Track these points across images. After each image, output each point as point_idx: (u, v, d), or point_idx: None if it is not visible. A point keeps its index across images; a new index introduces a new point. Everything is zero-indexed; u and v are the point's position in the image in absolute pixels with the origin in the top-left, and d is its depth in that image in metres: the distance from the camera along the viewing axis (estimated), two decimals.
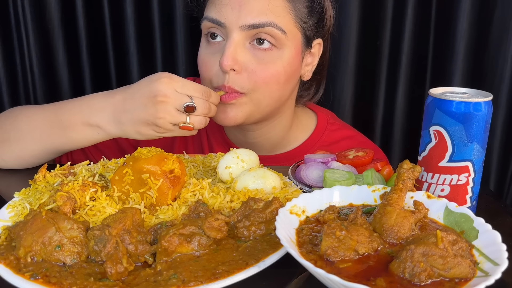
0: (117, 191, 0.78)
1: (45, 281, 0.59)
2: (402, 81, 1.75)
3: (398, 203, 0.68)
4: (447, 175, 0.76)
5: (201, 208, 0.74)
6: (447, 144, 0.74)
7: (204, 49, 1.05)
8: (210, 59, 1.02)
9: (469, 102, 0.72)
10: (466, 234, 0.65)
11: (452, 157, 0.75)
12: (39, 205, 0.75)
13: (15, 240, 0.67)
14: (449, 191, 0.77)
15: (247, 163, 0.88)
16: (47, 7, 1.70)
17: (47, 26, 1.72)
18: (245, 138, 1.17)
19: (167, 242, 0.64)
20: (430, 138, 0.76)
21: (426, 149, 0.77)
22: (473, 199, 0.78)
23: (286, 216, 0.67)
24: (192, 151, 1.22)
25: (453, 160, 0.75)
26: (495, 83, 1.58)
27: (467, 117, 0.72)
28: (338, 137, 1.21)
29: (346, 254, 0.59)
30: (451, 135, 0.74)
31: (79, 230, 0.65)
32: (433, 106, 0.75)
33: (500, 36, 1.52)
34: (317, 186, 0.89)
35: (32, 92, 1.82)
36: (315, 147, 1.18)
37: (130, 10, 1.68)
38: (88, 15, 1.72)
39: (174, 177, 0.78)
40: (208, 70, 1.02)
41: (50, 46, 1.75)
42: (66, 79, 1.81)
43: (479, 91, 0.77)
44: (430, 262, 0.56)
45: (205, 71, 1.03)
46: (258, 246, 0.66)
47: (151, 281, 0.59)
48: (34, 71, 1.78)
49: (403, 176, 0.74)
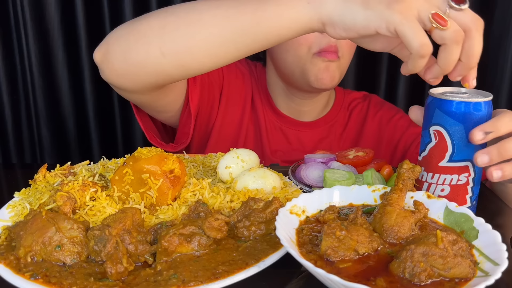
0: (117, 191, 0.78)
1: (45, 281, 0.59)
2: (402, 81, 1.75)
3: (398, 203, 0.68)
4: (447, 175, 0.76)
5: (201, 208, 0.74)
6: (447, 144, 0.74)
7: None
8: None
9: (469, 102, 0.72)
10: (466, 234, 0.65)
11: (452, 157, 0.75)
12: (39, 205, 0.75)
13: (15, 240, 0.67)
14: (449, 191, 0.77)
15: (247, 163, 0.88)
16: (47, 7, 1.70)
17: (46, 26, 1.72)
18: (299, 107, 1.29)
19: (167, 242, 0.64)
20: (430, 138, 0.76)
21: (426, 149, 0.77)
22: (473, 199, 0.78)
23: (286, 216, 0.67)
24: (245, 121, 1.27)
25: (453, 160, 0.75)
26: (495, 83, 1.58)
27: (467, 117, 0.72)
28: (355, 96, 1.37)
29: (346, 254, 0.59)
30: (451, 135, 0.74)
31: (79, 230, 0.65)
32: (433, 106, 0.75)
33: (500, 36, 1.52)
34: (317, 186, 0.89)
35: (32, 92, 1.82)
36: (343, 108, 1.33)
37: (129, 10, 1.68)
38: (88, 15, 1.72)
39: (174, 177, 0.78)
40: (307, 36, 1.08)
41: (50, 46, 1.75)
42: (65, 79, 1.81)
43: (479, 91, 0.77)
44: (430, 262, 0.56)
45: (302, 37, 1.08)
46: (258, 246, 0.66)
47: (151, 281, 0.59)
48: (34, 71, 1.78)
49: (403, 176, 0.74)
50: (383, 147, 1.30)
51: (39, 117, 1.86)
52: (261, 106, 1.30)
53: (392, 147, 1.28)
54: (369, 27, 0.70)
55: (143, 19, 0.85)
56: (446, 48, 0.68)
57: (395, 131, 1.29)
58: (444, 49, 0.68)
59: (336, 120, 1.33)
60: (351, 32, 0.72)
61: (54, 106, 1.85)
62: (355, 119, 1.34)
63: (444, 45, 0.68)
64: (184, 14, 0.80)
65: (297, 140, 1.30)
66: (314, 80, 1.15)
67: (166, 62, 0.82)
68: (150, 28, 0.83)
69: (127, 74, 0.87)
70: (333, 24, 0.73)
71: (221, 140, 1.26)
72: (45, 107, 1.85)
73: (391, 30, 0.68)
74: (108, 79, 0.91)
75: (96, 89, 1.84)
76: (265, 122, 1.29)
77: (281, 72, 1.24)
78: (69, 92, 1.83)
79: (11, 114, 1.87)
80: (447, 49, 0.68)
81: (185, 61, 0.82)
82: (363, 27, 0.71)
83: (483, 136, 0.70)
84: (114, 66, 0.87)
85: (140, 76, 0.86)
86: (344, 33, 0.73)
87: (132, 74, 0.87)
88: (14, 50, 1.79)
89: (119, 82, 0.90)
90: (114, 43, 0.87)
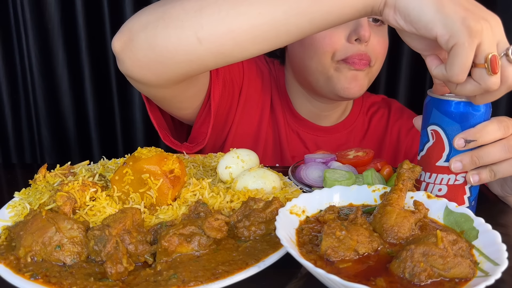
0: (117, 191, 0.78)
1: (45, 281, 0.59)
2: (402, 81, 1.75)
3: (398, 203, 0.68)
4: (444, 174, 0.76)
5: (201, 208, 0.74)
6: (444, 144, 0.74)
7: None
8: (332, 33, 1.06)
9: (466, 102, 0.72)
10: (466, 234, 0.65)
11: (449, 157, 0.75)
12: (39, 205, 0.75)
13: (15, 240, 0.67)
14: (447, 190, 0.77)
15: (247, 163, 0.88)
16: (47, 7, 1.70)
17: (46, 26, 1.72)
18: (320, 111, 1.25)
19: (167, 242, 0.64)
20: (428, 138, 0.76)
21: (424, 148, 0.77)
22: (472, 200, 0.78)
23: (286, 216, 0.67)
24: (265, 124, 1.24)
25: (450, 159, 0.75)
26: None
27: (463, 117, 0.72)
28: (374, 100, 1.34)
29: (346, 254, 0.59)
30: (448, 134, 0.74)
31: (79, 230, 0.65)
32: (431, 106, 0.75)
33: None
34: (317, 186, 0.89)
35: (32, 92, 1.82)
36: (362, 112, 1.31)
37: (129, 10, 1.68)
38: (88, 15, 1.72)
39: (174, 177, 0.78)
40: (333, 43, 1.07)
41: (50, 46, 1.75)
42: (66, 79, 1.81)
43: None
44: (430, 262, 0.56)
45: (328, 45, 1.07)
46: (258, 246, 0.66)
47: (151, 281, 0.59)
48: (34, 71, 1.78)
49: (403, 176, 0.74)
50: (401, 159, 1.28)
51: (39, 117, 1.86)
52: (280, 108, 1.25)
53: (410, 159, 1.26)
54: (431, 31, 0.65)
55: (174, 2, 0.75)
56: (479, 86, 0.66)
57: (413, 143, 1.27)
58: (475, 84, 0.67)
59: (355, 125, 1.30)
60: (409, 25, 0.67)
61: (54, 106, 1.85)
62: (375, 126, 1.30)
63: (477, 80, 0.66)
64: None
65: (315, 146, 1.26)
66: (341, 89, 1.11)
67: (203, 49, 0.73)
68: (184, 11, 0.73)
69: (152, 65, 0.78)
70: (396, 7, 0.67)
71: (237, 141, 1.22)
72: (45, 107, 1.85)
73: (449, 44, 0.64)
74: (128, 71, 0.81)
75: (96, 89, 1.83)
76: (284, 126, 1.25)
77: (303, 79, 1.19)
78: (69, 92, 1.83)
79: (11, 114, 1.87)
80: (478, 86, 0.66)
81: (225, 48, 0.73)
82: (426, 28, 0.65)
83: (464, 144, 0.72)
84: (138, 55, 0.78)
85: (168, 66, 0.78)
86: (402, 21, 0.67)
87: (159, 63, 0.78)
88: (14, 50, 1.79)
89: (141, 74, 0.81)
90: (139, 30, 0.77)
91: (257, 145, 1.24)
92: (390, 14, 0.69)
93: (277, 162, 1.27)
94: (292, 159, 1.25)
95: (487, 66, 0.64)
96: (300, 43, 1.13)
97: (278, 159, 1.27)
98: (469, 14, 0.63)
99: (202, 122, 1.08)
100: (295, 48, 1.16)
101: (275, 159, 1.27)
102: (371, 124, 1.31)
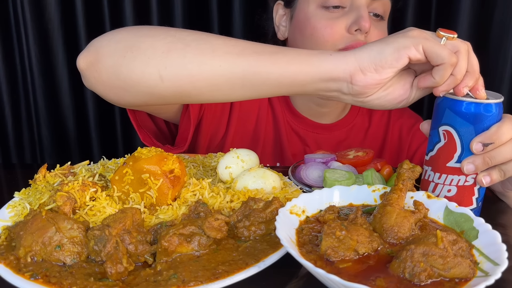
0: (117, 191, 0.78)
1: (45, 281, 0.59)
2: None
3: (398, 203, 0.68)
4: (454, 175, 0.75)
5: (201, 208, 0.74)
6: (456, 144, 0.74)
7: (322, 17, 1.11)
8: (334, 23, 1.09)
9: (480, 103, 0.72)
10: (466, 234, 0.65)
11: (460, 158, 0.74)
12: (39, 205, 0.75)
13: (15, 240, 0.67)
14: (456, 191, 0.76)
15: (247, 163, 0.88)
16: (47, 7, 1.70)
17: (46, 26, 1.72)
18: (320, 108, 1.25)
19: (167, 242, 0.64)
20: (439, 138, 0.76)
21: (434, 148, 0.77)
22: (479, 201, 0.77)
23: (286, 216, 0.67)
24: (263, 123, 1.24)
25: (462, 161, 0.74)
26: (495, 83, 1.58)
27: (477, 118, 0.72)
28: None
29: (346, 254, 0.59)
30: (461, 135, 0.73)
31: (79, 230, 0.65)
32: (444, 106, 0.74)
33: (500, 36, 1.52)
34: (317, 186, 0.89)
35: (32, 92, 1.82)
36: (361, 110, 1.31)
37: (129, 10, 1.68)
38: (88, 15, 1.72)
39: (174, 177, 0.78)
40: (334, 33, 1.09)
41: (50, 46, 1.75)
42: (65, 79, 1.81)
43: (489, 92, 0.77)
44: (430, 262, 0.56)
45: (329, 35, 1.09)
46: (258, 246, 0.66)
47: (151, 281, 0.59)
48: (34, 71, 1.78)
49: (403, 176, 0.74)
50: (403, 158, 1.28)
51: (39, 117, 1.86)
52: (279, 106, 1.26)
53: (410, 158, 1.27)
54: (401, 56, 0.72)
55: (146, 38, 0.79)
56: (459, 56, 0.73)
57: (413, 141, 1.28)
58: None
59: (355, 123, 1.30)
60: (384, 71, 0.73)
61: (54, 106, 1.85)
62: (376, 125, 1.31)
63: (457, 52, 0.73)
64: (195, 44, 0.77)
65: (315, 144, 1.27)
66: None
67: (163, 86, 0.78)
68: (153, 49, 0.77)
69: (115, 89, 0.81)
70: (363, 69, 0.73)
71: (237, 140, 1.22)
72: (45, 107, 1.84)
73: (419, 50, 0.72)
74: (92, 87, 0.84)
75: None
76: (284, 124, 1.26)
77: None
78: (69, 92, 1.83)
79: (11, 114, 1.87)
80: (460, 57, 0.73)
81: (183, 89, 0.78)
82: (395, 58, 0.72)
83: (483, 148, 0.72)
84: (102, 77, 0.81)
85: (130, 93, 0.81)
86: (377, 74, 0.73)
87: (122, 89, 0.81)
88: (14, 50, 1.78)
89: (104, 93, 0.84)
90: (106, 55, 0.80)
91: (256, 144, 1.24)
92: (361, 78, 0.74)
93: (278, 160, 1.27)
94: (292, 157, 1.25)
95: (445, 35, 0.73)
96: (300, 34, 1.15)
97: (279, 157, 1.27)
98: (399, 33, 0.75)
99: (184, 127, 1.08)
100: (295, 39, 1.18)
101: (275, 157, 1.27)
102: (372, 122, 1.31)
